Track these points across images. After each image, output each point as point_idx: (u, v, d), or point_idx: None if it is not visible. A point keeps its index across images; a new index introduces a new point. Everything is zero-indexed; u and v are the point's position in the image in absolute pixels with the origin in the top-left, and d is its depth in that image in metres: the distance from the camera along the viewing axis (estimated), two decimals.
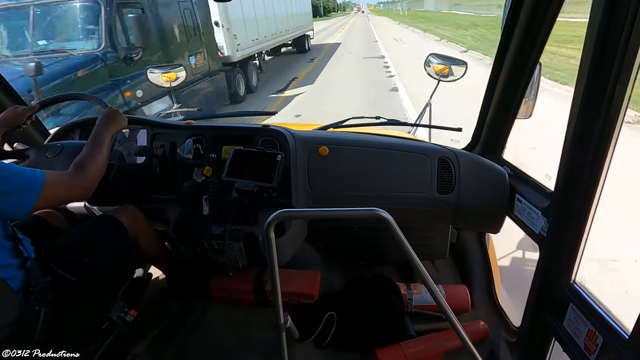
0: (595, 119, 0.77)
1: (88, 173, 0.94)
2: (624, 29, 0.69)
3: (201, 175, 1.32)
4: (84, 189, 0.94)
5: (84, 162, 0.95)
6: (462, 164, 1.29)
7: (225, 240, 1.21)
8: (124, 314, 1.22)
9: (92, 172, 0.96)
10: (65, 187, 0.90)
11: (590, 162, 0.81)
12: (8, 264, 0.87)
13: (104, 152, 1.02)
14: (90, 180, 0.95)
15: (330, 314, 1.34)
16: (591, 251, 0.93)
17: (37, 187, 0.82)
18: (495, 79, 1.24)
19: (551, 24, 1.01)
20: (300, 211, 1.22)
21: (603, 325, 0.80)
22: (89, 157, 0.97)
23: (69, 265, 1.01)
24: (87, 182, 0.94)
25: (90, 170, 0.95)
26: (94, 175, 0.96)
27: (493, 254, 1.59)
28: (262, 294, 1.46)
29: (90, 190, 0.96)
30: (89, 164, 0.96)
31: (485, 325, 1.31)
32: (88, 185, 0.94)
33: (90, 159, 0.97)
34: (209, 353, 1.33)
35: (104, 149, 1.02)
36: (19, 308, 0.84)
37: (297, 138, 1.33)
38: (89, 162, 0.96)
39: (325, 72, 10.43)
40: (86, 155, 0.98)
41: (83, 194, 0.95)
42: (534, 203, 1.06)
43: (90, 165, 0.96)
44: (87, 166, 0.95)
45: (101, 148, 1.01)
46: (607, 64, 0.73)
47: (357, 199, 1.29)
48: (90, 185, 0.95)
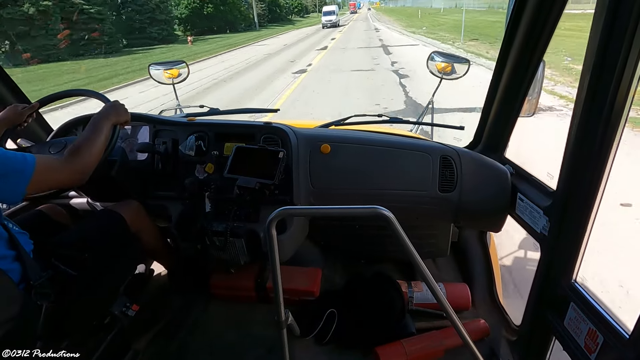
0: (598, 118, 0.77)
1: (82, 157, 0.93)
2: (628, 27, 0.68)
3: (203, 172, 1.32)
4: (77, 172, 0.92)
5: (79, 147, 0.94)
6: (464, 163, 1.28)
7: (226, 237, 1.22)
8: (126, 309, 1.23)
9: (87, 156, 0.94)
10: (57, 172, 0.89)
11: (593, 162, 0.80)
12: (4, 254, 0.87)
13: (101, 139, 1.00)
14: (84, 164, 0.93)
15: (331, 311, 1.35)
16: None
17: (27, 171, 0.81)
18: (498, 77, 1.24)
19: (555, 21, 1.00)
20: (302, 209, 1.23)
21: (604, 324, 0.79)
22: (84, 142, 0.96)
23: (70, 260, 1.01)
24: (80, 166, 0.92)
25: (84, 154, 0.93)
26: (88, 160, 0.94)
27: (494, 253, 1.58)
28: (263, 291, 1.47)
29: (84, 174, 0.94)
30: (83, 148, 0.94)
31: (485, 323, 1.31)
32: (81, 169, 0.93)
33: (85, 143, 0.95)
34: (210, 349, 1.34)
35: (100, 135, 1.00)
36: (20, 302, 0.84)
37: (299, 135, 1.33)
38: (84, 146, 0.95)
39: None
40: (82, 139, 0.96)
41: (76, 179, 0.93)
42: (536, 202, 1.06)
43: (85, 150, 0.94)
44: (82, 151, 0.93)
45: (98, 134, 0.99)
46: (611, 63, 0.72)
47: (358, 197, 1.29)
48: (83, 169, 0.93)
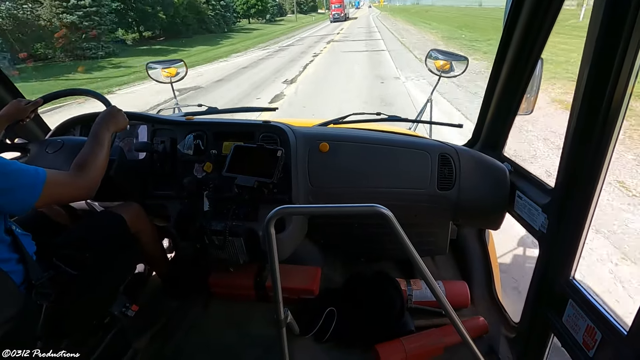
0: (596, 114, 0.77)
1: (89, 173, 0.95)
2: (626, 21, 0.68)
3: (202, 171, 1.32)
4: (86, 189, 0.94)
5: (85, 162, 0.96)
6: (463, 160, 1.28)
7: (225, 236, 1.22)
8: (126, 309, 1.23)
9: (93, 171, 0.96)
10: (66, 187, 0.91)
11: (591, 159, 0.80)
12: (8, 257, 0.88)
13: (104, 151, 1.02)
14: (92, 179, 0.95)
15: (331, 310, 1.35)
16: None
17: (38, 185, 0.83)
18: (496, 75, 1.24)
19: (553, 19, 1.00)
20: (301, 207, 1.23)
21: (602, 321, 0.80)
22: (89, 157, 0.97)
23: (71, 260, 1.02)
24: (88, 182, 0.94)
25: (91, 169, 0.95)
26: (95, 175, 0.96)
27: (493, 250, 1.59)
28: (262, 290, 1.47)
29: (92, 190, 0.96)
30: (89, 163, 0.96)
31: (484, 320, 1.31)
32: (89, 185, 0.95)
33: (90, 159, 0.97)
34: (209, 348, 1.34)
35: (104, 148, 1.02)
36: (21, 302, 0.85)
37: (298, 134, 1.33)
38: (90, 161, 0.96)
39: None
40: (87, 154, 0.98)
41: (84, 194, 0.96)
42: (535, 199, 1.06)
43: (91, 165, 0.96)
44: (88, 166, 0.95)
45: (101, 147, 1.01)
46: (609, 60, 0.72)
47: (357, 195, 1.29)
48: (91, 185, 0.95)
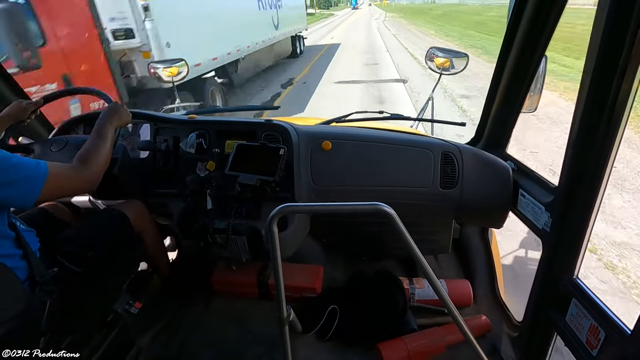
0: (601, 114, 0.76)
1: (91, 166, 0.95)
2: (630, 23, 0.68)
3: (204, 169, 1.32)
4: (88, 182, 0.94)
5: (88, 155, 0.96)
6: (466, 159, 1.28)
7: (228, 235, 1.22)
8: (129, 307, 1.24)
9: (96, 165, 0.96)
10: (68, 180, 0.91)
11: (594, 158, 0.80)
12: (12, 253, 0.88)
13: (107, 145, 1.02)
14: (94, 173, 0.96)
15: (333, 308, 1.35)
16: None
17: (40, 178, 0.83)
18: (500, 73, 1.23)
19: (558, 16, 0.99)
20: (303, 206, 1.23)
21: (605, 320, 0.79)
22: (92, 150, 0.98)
23: (75, 258, 1.02)
24: (90, 175, 0.95)
25: (93, 163, 0.96)
26: (97, 169, 0.97)
27: (496, 249, 1.58)
28: (265, 288, 1.47)
29: (95, 183, 0.96)
30: (92, 157, 0.96)
31: (487, 319, 1.31)
32: (91, 179, 0.95)
33: (93, 152, 0.97)
34: (212, 346, 1.35)
35: (107, 142, 1.02)
36: (25, 298, 0.85)
37: (300, 132, 1.32)
38: (92, 155, 0.97)
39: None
40: (89, 148, 0.98)
41: (87, 187, 0.96)
42: (538, 198, 1.06)
43: (94, 158, 0.96)
44: (91, 159, 0.95)
45: (104, 141, 1.02)
46: (613, 58, 0.72)
47: (359, 194, 1.29)
48: (93, 178, 0.96)
